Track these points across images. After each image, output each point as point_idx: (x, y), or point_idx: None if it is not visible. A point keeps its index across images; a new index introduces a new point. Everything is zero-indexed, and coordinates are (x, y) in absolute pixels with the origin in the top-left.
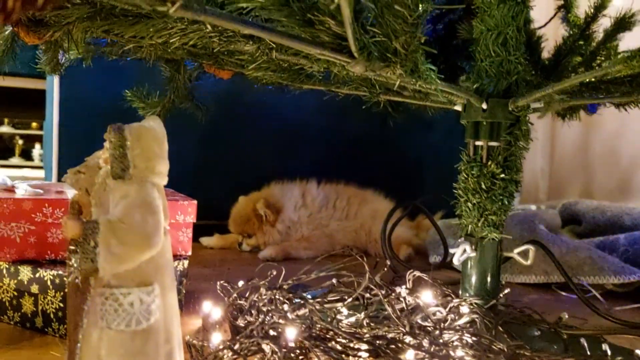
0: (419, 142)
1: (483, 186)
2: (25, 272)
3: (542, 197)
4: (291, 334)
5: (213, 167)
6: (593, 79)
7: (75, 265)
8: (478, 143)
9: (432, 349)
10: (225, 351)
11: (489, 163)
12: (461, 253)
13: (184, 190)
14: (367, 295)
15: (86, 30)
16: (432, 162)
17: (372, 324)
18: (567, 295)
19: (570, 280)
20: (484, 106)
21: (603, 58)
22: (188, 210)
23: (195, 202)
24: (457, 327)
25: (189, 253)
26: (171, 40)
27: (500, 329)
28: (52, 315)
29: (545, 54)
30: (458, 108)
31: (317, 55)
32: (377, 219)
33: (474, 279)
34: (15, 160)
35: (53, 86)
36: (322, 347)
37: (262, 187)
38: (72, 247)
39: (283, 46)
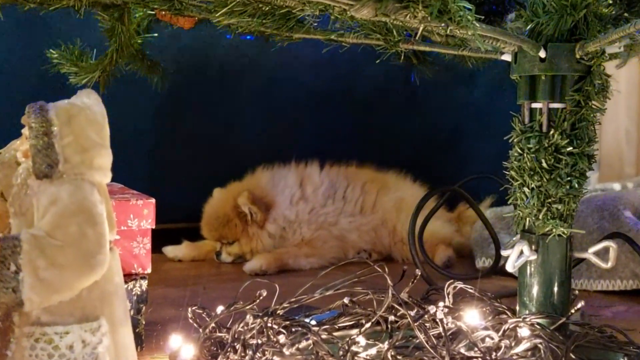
0: (456, 106)
1: (544, 164)
2: None
3: (628, 172)
4: None
5: (176, 150)
6: None
7: None
8: (535, 105)
9: None
10: None
11: (552, 132)
12: (517, 255)
13: (137, 184)
14: (392, 317)
15: None
16: (474, 131)
17: (399, 357)
18: None
19: None
20: (542, 54)
21: None
22: (144, 213)
23: (153, 200)
24: (515, 357)
25: (148, 270)
26: None
27: (573, 356)
28: None
29: None
30: (507, 58)
31: None
32: (404, 211)
33: (535, 290)
34: None
35: None
36: None
37: (245, 174)
38: None
39: None
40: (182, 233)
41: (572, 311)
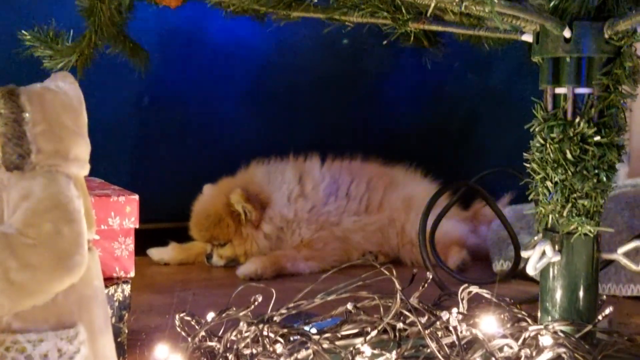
0: (471, 92)
1: (569, 155)
2: None
3: None
4: None
5: (162, 142)
6: None
7: None
8: (559, 90)
9: None
10: None
11: (577, 120)
12: (539, 257)
13: (119, 179)
14: (400, 325)
15: None
16: (492, 121)
17: None
18: None
19: None
20: (567, 34)
21: None
22: (126, 210)
23: (136, 197)
24: None
25: (132, 274)
26: None
27: None
28: None
29: None
30: (527, 38)
31: None
32: (413, 209)
33: (558, 295)
34: None
35: None
36: None
37: (238, 169)
38: None
39: None
40: (168, 234)
41: (600, 318)
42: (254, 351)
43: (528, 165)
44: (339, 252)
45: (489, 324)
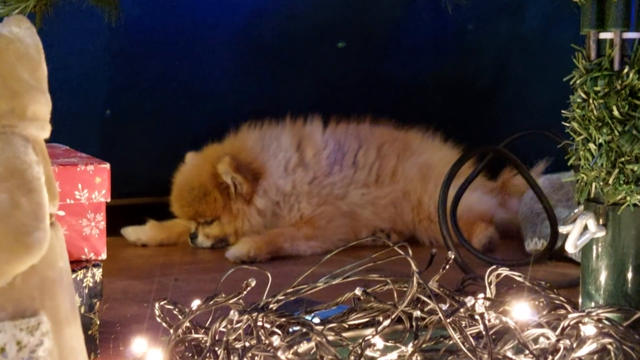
0: (499, 42)
1: (615, 112)
2: None
3: None
4: None
5: (137, 102)
6: None
7: None
8: (605, 36)
9: None
10: None
11: (626, 70)
12: (580, 232)
13: (88, 145)
14: (417, 313)
15: None
16: (524, 74)
17: None
18: None
19: None
20: None
21: None
22: (96, 182)
23: (107, 166)
24: None
25: (103, 256)
26: None
27: None
28: None
29: None
30: None
31: None
32: (432, 180)
33: (603, 277)
34: None
35: None
36: None
37: (227, 134)
38: None
39: None
40: (146, 210)
41: None
42: (247, 344)
43: (567, 125)
44: (345, 230)
45: (522, 312)
